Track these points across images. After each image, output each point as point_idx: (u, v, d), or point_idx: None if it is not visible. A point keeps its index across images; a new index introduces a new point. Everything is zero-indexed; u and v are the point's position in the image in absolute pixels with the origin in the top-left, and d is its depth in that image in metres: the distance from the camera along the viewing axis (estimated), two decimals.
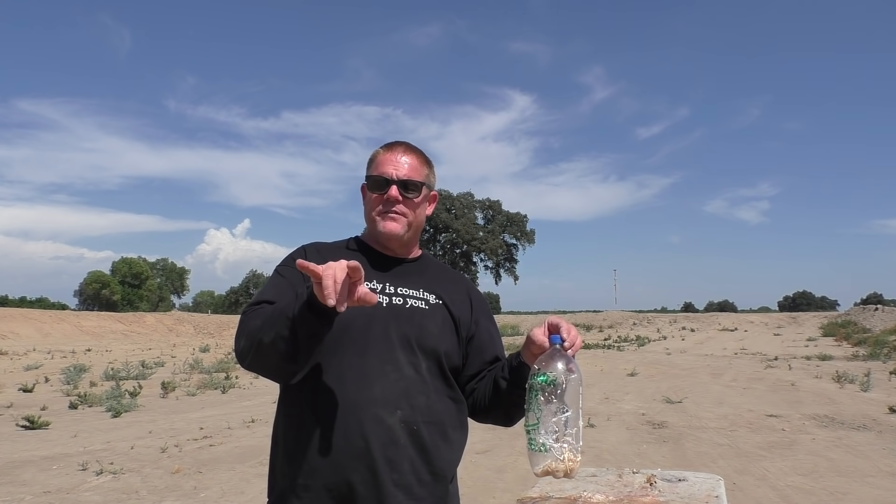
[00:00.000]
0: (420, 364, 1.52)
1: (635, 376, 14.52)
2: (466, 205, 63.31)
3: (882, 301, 61.33)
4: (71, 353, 26.58)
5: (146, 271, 77.04)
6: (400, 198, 1.59)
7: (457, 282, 1.73)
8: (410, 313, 1.55)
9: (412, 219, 1.63)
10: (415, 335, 1.53)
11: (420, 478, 1.46)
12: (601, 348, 26.08)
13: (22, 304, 57.46)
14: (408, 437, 1.46)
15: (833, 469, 6.15)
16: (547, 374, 1.34)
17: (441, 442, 1.51)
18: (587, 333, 42.29)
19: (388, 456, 1.43)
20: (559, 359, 1.36)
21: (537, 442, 1.33)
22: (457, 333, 1.62)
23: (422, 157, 1.67)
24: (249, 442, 7.40)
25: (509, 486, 5.48)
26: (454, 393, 1.58)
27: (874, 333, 29.84)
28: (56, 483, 5.67)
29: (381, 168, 1.61)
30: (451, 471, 1.55)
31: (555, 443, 1.32)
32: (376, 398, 1.45)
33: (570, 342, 1.41)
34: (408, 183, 1.60)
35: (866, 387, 11.82)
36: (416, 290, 1.61)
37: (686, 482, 1.51)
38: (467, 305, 1.69)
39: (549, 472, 1.33)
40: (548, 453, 1.32)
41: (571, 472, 1.34)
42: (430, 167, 1.69)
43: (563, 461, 1.32)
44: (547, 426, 1.33)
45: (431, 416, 1.50)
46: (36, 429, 8.37)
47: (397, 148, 1.64)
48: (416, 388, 1.50)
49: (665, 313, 72.46)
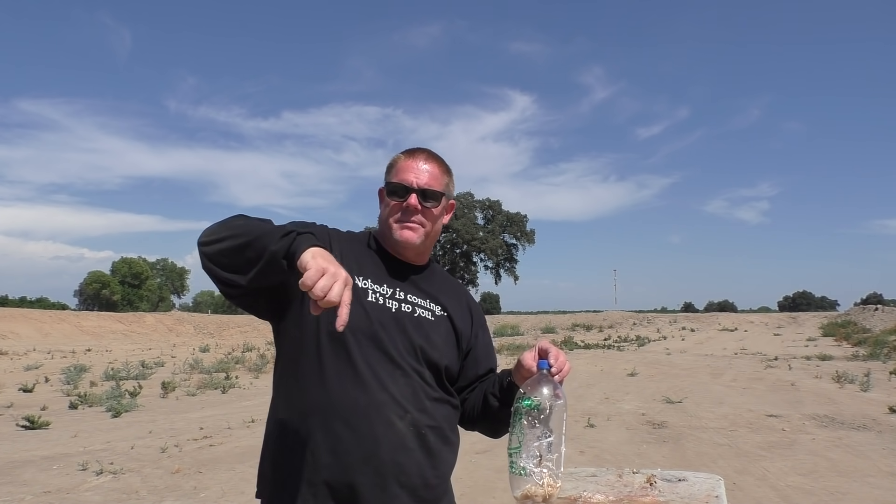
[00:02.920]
0: (424, 372, 1.54)
1: (635, 376, 14.52)
2: (466, 205, 63.39)
3: (882, 301, 61.35)
4: (71, 353, 26.57)
5: (146, 271, 77.06)
6: (419, 207, 1.57)
7: (458, 293, 1.74)
8: (418, 323, 1.56)
9: (429, 229, 1.61)
10: (420, 345, 1.54)
11: (427, 482, 1.49)
12: (601, 348, 26.05)
13: (22, 304, 57.46)
14: (416, 442, 1.48)
15: (833, 469, 6.15)
16: (532, 398, 1.35)
17: (444, 446, 1.55)
18: (587, 333, 42.26)
19: (398, 460, 1.44)
20: (545, 384, 1.37)
21: (518, 465, 1.34)
22: (458, 347, 1.64)
23: (443, 165, 1.65)
24: (249, 442, 7.40)
25: (509, 486, 5.47)
26: (452, 399, 1.62)
27: (874, 333, 29.80)
28: (56, 483, 5.67)
29: (401, 175, 1.59)
30: (450, 473, 1.60)
31: (535, 467, 1.33)
32: (386, 402, 1.46)
33: (558, 368, 1.43)
34: (427, 192, 1.58)
35: (866, 387, 11.82)
36: (424, 300, 1.62)
37: (686, 482, 1.52)
38: (468, 319, 1.70)
39: (528, 496, 1.34)
40: (528, 477, 1.33)
41: (550, 498, 1.34)
42: (450, 175, 1.68)
43: (543, 486, 1.33)
44: (529, 450, 1.34)
45: (435, 421, 1.53)
46: (36, 429, 8.36)
47: (419, 155, 1.62)
48: (423, 394, 1.52)
49: (665, 313, 72.42)
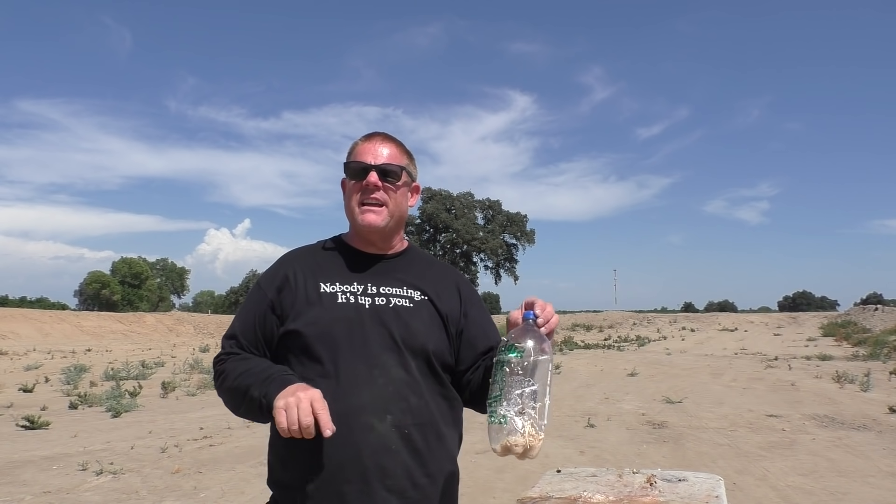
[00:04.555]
0: (409, 364, 1.50)
1: (635, 376, 14.52)
2: (466, 205, 63.43)
3: (882, 301, 61.35)
4: (71, 353, 26.57)
5: (146, 271, 77.05)
6: (379, 183, 1.57)
7: (445, 275, 1.69)
8: (395, 313, 1.53)
9: (393, 208, 1.60)
10: (401, 335, 1.51)
11: (415, 481, 1.45)
12: (601, 348, 26.06)
13: (22, 304, 57.50)
14: (400, 442, 1.45)
15: (833, 469, 6.15)
16: (514, 345, 1.29)
17: (435, 442, 1.50)
18: (587, 333, 42.28)
19: (381, 463, 1.42)
20: (529, 334, 1.32)
21: (498, 414, 1.26)
22: (445, 330, 1.59)
23: (401, 146, 1.65)
24: (249, 442, 7.40)
25: (509, 486, 5.47)
26: (446, 391, 1.57)
27: (874, 333, 29.81)
28: (56, 483, 5.67)
29: (359, 157, 1.60)
30: (447, 469, 1.54)
31: (516, 416, 1.25)
32: (365, 405, 1.44)
33: (544, 319, 1.38)
34: (387, 169, 1.58)
35: (866, 387, 11.82)
36: (400, 287, 1.58)
37: (686, 482, 1.52)
38: (456, 299, 1.64)
39: (508, 447, 1.25)
40: (507, 426, 1.25)
41: (532, 450, 1.26)
42: (411, 158, 1.68)
43: (524, 435, 1.24)
44: (509, 398, 1.26)
45: (424, 417, 1.49)
46: (36, 429, 8.36)
47: (375, 137, 1.63)
48: (407, 390, 1.48)
49: (665, 313, 72.46)
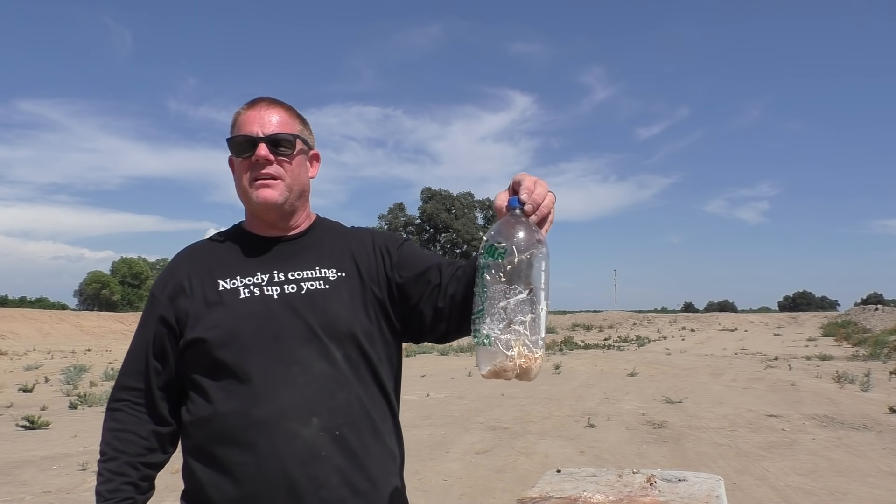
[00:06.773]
0: (334, 354, 1.31)
1: (635, 376, 14.52)
2: (466, 205, 63.44)
3: (882, 301, 61.34)
4: (71, 353, 26.55)
5: (146, 271, 77.04)
6: (271, 157, 1.36)
7: (358, 239, 1.46)
8: (309, 299, 1.34)
9: (290, 181, 1.39)
10: (320, 323, 1.31)
11: (354, 487, 1.28)
12: (601, 348, 26.06)
13: (22, 304, 57.44)
14: (331, 446, 1.27)
15: (833, 469, 6.15)
16: (493, 245, 1.03)
17: (372, 440, 1.33)
18: (587, 333, 42.23)
19: (311, 473, 1.24)
20: (514, 228, 1.05)
21: (482, 333, 1.02)
22: (376, 304, 1.38)
23: (291, 111, 1.44)
24: None
25: (509, 486, 5.47)
26: (380, 379, 1.37)
27: (874, 333, 29.78)
28: (56, 483, 5.67)
29: (244, 128, 1.38)
30: (389, 468, 1.36)
31: (502, 333, 1.01)
32: (285, 410, 1.25)
33: (533, 203, 1.09)
34: (278, 138, 1.36)
35: (866, 387, 11.82)
36: (311, 269, 1.39)
37: (686, 482, 1.51)
38: (376, 257, 1.42)
39: (496, 372, 1.02)
40: (491, 347, 1.01)
41: (528, 372, 1.02)
42: (305, 123, 1.47)
43: (513, 357, 1.01)
44: (492, 312, 1.02)
45: (356, 414, 1.31)
46: (36, 429, 8.36)
47: (260, 104, 1.41)
48: (334, 385, 1.29)
49: (665, 313, 72.46)
